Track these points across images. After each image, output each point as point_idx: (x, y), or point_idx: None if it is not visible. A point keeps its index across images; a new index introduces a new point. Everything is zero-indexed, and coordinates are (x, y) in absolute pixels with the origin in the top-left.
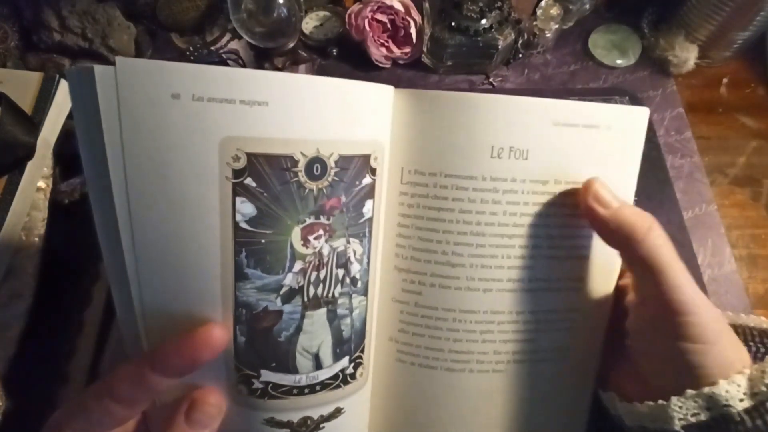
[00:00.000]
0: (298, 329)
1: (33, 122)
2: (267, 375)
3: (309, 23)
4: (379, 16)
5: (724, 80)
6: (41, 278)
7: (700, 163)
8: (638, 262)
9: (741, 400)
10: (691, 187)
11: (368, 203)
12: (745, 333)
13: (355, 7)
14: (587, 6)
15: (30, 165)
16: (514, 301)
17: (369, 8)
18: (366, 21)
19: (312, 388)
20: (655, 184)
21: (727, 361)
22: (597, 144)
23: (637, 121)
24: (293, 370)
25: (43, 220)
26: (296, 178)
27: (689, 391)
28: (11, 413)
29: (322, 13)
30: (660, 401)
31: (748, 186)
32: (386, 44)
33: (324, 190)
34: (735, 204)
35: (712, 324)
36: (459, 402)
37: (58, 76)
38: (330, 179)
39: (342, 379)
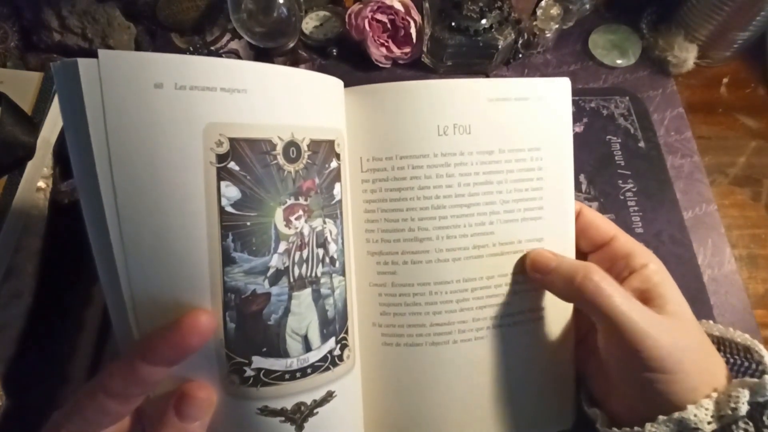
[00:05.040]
0: (287, 311)
1: (33, 122)
2: (258, 361)
3: (309, 23)
4: (379, 16)
5: (724, 80)
6: (41, 278)
7: (700, 163)
8: (585, 309)
9: (709, 423)
10: (691, 187)
11: (337, 186)
12: (731, 348)
13: (355, 7)
14: (587, 6)
15: (30, 165)
16: (483, 267)
17: (369, 8)
18: (366, 21)
19: (303, 372)
20: (655, 184)
21: (692, 386)
22: (530, 113)
23: (561, 90)
24: (284, 353)
25: (43, 220)
26: (275, 161)
27: (661, 417)
28: (11, 413)
29: (322, 13)
30: (636, 428)
31: (748, 186)
32: (386, 44)
33: (300, 172)
34: (735, 204)
35: (672, 354)
36: (448, 374)
37: None
38: (305, 162)
39: (331, 361)
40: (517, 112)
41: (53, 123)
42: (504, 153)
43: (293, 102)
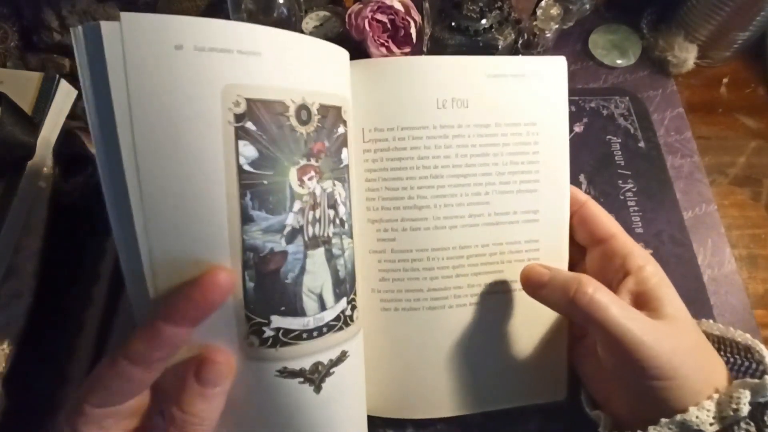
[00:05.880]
0: (303, 269)
1: (33, 122)
2: (277, 320)
3: (309, 23)
4: (379, 16)
5: (724, 80)
6: (41, 278)
7: (700, 163)
8: (582, 322)
9: (711, 424)
10: (691, 187)
11: (344, 151)
12: (731, 347)
13: (355, 7)
14: (587, 6)
15: (30, 165)
16: (479, 235)
17: (369, 8)
18: (366, 21)
19: (319, 331)
20: (655, 184)
21: (693, 390)
22: (526, 90)
23: (557, 68)
24: (301, 312)
25: (43, 220)
26: (289, 123)
27: (663, 420)
28: (11, 413)
29: (322, 13)
30: (638, 431)
31: (748, 186)
32: (386, 44)
33: (311, 134)
34: (735, 204)
35: (671, 360)
36: (444, 338)
37: (58, 76)
38: (315, 125)
39: (344, 321)
40: (514, 87)
41: (53, 123)
42: (500, 127)
43: (303, 67)
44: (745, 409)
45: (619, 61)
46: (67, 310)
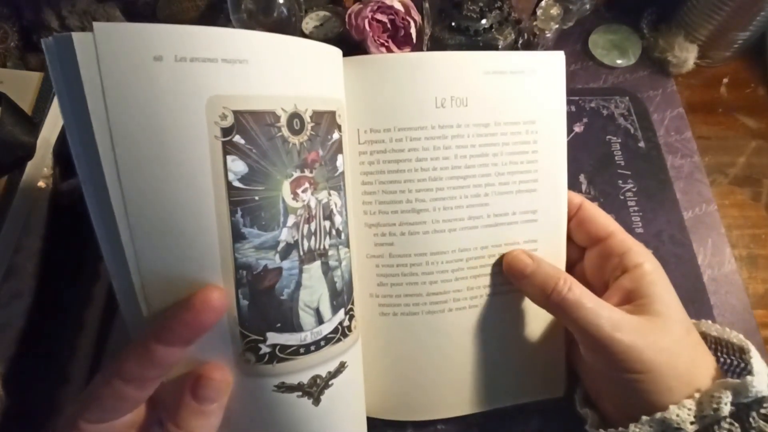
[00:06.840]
0: (298, 285)
1: (33, 122)
2: (273, 337)
3: (309, 23)
4: (379, 16)
5: (724, 80)
6: (41, 278)
7: (700, 163)
8: (558, 319)
9: (692, 423)
10: (691, 187)
11: (339, 157)
12: (728, 348)
13: (355, 7)
14: (587, 6)
15: (30, 165)
16: (478, 238)
17: (369, 8)
18: (366, 21)
19: (317, 345)
20: (655, 184)
21: (667, 386)
22: (525, 86)
23: (555, 65)
24: (298, 328)
25: (43, 220)
26: (280, 134)
27: (644, 417)
28: (11, 413)
29: (322, 13)
30: (620, 428)
31: (748, 186)
32: (386, 44)
33: (304, 144)
34: (735, 204)
35: (642, 354)
36: (443, 342)
37: None
38: (308, 134)
39: (341, 332)
40: (513, 85)
41: (53, 123)
42: (500, 126)
43: (295, 72)
44: (726, 409)
45: (619, 61)
46: (67, 310)
